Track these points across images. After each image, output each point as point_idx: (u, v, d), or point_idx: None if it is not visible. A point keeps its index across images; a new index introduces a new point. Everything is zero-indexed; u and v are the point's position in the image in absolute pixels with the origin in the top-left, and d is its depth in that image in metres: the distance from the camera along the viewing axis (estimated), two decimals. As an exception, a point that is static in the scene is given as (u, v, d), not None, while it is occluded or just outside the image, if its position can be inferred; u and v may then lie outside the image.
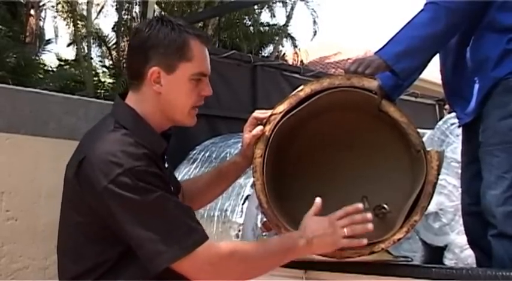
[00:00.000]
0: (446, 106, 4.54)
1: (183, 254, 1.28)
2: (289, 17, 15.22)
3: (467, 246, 2.14)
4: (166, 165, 1.57)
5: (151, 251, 1.28)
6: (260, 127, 1.65)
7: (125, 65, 13.05)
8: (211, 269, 1.31)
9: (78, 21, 13.79)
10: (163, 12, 13.03)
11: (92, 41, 13.79)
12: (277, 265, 1.44)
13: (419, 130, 1.65)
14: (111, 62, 14.79)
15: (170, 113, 1.46)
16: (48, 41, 14.66)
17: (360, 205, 1.51)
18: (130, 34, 13.65)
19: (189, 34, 1.43)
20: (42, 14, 14.95)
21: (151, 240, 1.27)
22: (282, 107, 1.65)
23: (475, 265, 2.05)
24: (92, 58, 13.97)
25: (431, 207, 1.68)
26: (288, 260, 1.44)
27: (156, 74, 1.41)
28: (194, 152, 3.23)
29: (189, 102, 1.46)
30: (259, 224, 2.66)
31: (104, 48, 14.52)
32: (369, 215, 1.51)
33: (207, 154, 3.14)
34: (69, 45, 14.77)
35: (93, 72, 13.92)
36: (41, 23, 14.93)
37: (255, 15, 15.28)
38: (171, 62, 1.41)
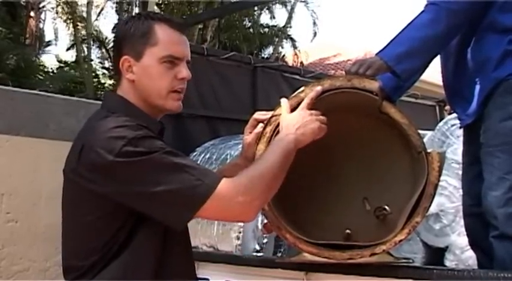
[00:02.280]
0: (447, 107, 4.53)
1: (217, 181, 1.30)
2: (289, 19, 15.24)
3: (468, 247, 2.14)
4: None
5: (186, 191, 1.28)
6: (261, 125, 1.65)
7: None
8: (242, 197, 1.31)
9: (78, 23, 13.81)
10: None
11: (91, 42, 13.81)
12: (285, 169, 1.44)
13: (419, 131, 1.65)
14: (111, 64, 14.80)
15: (150, 99, 1.47)
16: (48, 43, 14.70)
17: (319, 88, 1.60)
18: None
19: (153, 20, 1.47)
20: (42, 16, 15.00)
21: (182, 183, 1.28)
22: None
23: (476, 267, 2.04)
24: (91, 60, 14.01)
25: (432, 208, 1.67)
26: (289, 162, 1.45)
27: (127, 63, 1.45)
28: (194, 153, 3.22)
29: (163, 85, 1.46)
30: (259, 226, 2.65)
31: (103, 50, 14.53)
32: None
33: (207, 156, 3.13)
34: (69, 47, 14.79)
35: (93, 73, 13.94)
36: (41, 25, 14.97)
37: (255, 17, 15.31)
38: (138, 48, 1.45)
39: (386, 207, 1.70)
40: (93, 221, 1.36)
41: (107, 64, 14.88)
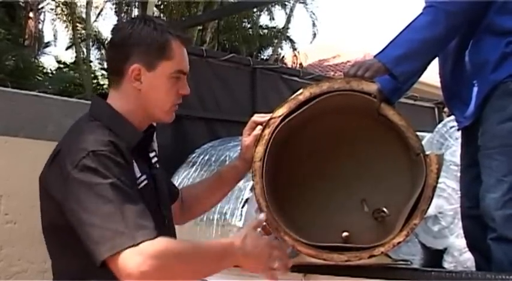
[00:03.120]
0: (446, 109, 4.53)
1: (130, 244, 1.21)
2: (288, 20, 15.24)
3: (467, 249, 2.14)
4: (157, 166, 1.57)
5: (97, 237, 1.23)
6: (260, 127, 1.66)
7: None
8: (153, 265, 1.21)
9: (77, 24, 13.80)
10: (162, 15, 13.05)
11: (91, 43, 13.80)
12: (211, 269, 1.37)
13: (418, 133, 1.65)
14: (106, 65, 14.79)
15: (150, 110, 1.48)
16: (47, 44, 14.70)
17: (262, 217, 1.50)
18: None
19: (170, 34, 1.47)
20: (41, 17, 15.00)
21: (99, 226, 1.23)
22: (281, 111, 1.65)
23: (474, 268, 2.04)
24: (91, 61, 13.99)
25: (431, 210, 1.67)
26: (220, 268, 1.38)
27: (136, 71, 1.44)
28: (193, 155, 3.22)
29: (168, 100, 1.48)
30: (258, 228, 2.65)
31: (103, 51, 14.53)
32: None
33: (206, 157, 3.13)
34: (68, 48, 14.78)
35: (92, 75, 13.93)
36: (40, 26, 14.96)
37: (254, 18, 15.31)
38: (152, 60, 1.44)
39: (384, 209, 1.70)
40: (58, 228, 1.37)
41: (106, 65, 14.88)
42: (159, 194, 1.53)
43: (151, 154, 1.57)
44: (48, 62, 15.00)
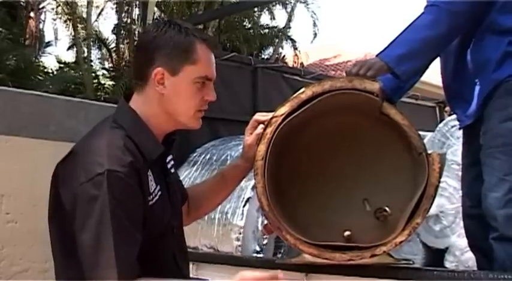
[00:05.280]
0: (447, 108, 4.53)
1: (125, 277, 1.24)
2: (289, 20, 15.24)
3: (468, 249, 2.14)
4: (172, 170, 1.56)
5: (100, 261, 1.25)
6: (262, 126, 1.65)
7: (125, 67, 13.08)
8: None
9: (78, 24, 13.82)
10: (162, 15, 13.05)
11: (91, 43, 13.81)
12: None
13: (420, 132, 1.65)
14: (111, 65, 14.81)
15: (174, 115, 1.45)
16: (48, 44, 14.70)
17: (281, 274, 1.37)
18: (130, 37, 13.72)
19: (195, 37, 1.43)
20: (42, 17, 15.00)
21: (104, 251, 1.25)
22: (283, 110, 1.65)
23: (475, 268, 2.04)
24: (92, 61, 14.00)
25: (432, 209, 1.67)
26: None
27: (160, 75, 1.41)
28: (195, 154, 3.23)
29: (192, 105, 1.45)
30: (260, 227, 2.65)
31: (104, 50, 14.54)
32: None
33: (207, 157, 3.14)
34: (69, 48, 14.79)
35: (93, 74, 13.94)
36: (41, 26, 14.96)
37: (255, 18, 15.31)
38: (176, 63, 1.41)
39: (386, 208, 1.70)
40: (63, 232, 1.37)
41: (107, 65, 14.88)
42: (172, 203, 1.52)
43: (168, 158, 1.55)
44: (49, 61, 15.01)
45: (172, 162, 1.57)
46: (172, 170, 1.57)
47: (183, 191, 1.69)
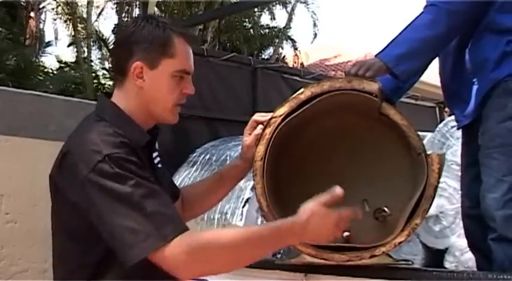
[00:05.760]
0: (447, 109, 4.52)
1: (161, 244, 1.24)
2: (289, 20, 15.24)
3: (468, 249, 2.14)
4: (159, 166, 1.57)
5: (128, 240, 1.24)
6: (261, 126, 1.65)
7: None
8: (190, 259, 1.25)
9: (78, 24, 13.81)
10: (163, 15, 13.05)
11: (92, 43, 13.81)
12: (266, 252, 1.38)
13: (419, 133, 1.65)
14: (111, 65, 14.79)
15: (152, 109, 1.47)
16: (48, 44, 14.69)
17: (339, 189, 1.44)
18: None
19: (173, 31, 1.45)
20: (42, 17, 15.00)
21: (128, 229, 1.24)
22: (282, 110, 1.65)
23: (475, 268, 2.04)
24: (92, 60, 14.00)
25: (432, 210, 1.67)
26: (275, 249, 1.40)
27: (138, 69, 1.43)
28: (194, 154, 3.22)
29: (170, 99, 1.46)
30: (259, 227, 2.65)
31: (104, 50, 14.53)
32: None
33: (207, 157, 3.13)
34: (69, 46, 14.79)
35: (93, 74, 13.94)
36: (41, 25, 14.96)
37: (255, 18, 15.31)
38: (154, 57, 1.43)
39: (385, 209, 1.70)
40: (70, 224, 1.37)
41: (107, 65, 14.88)
42: None
43: (154, 154, 1.56)
44: (49, 61, 15.02)
45: (158, 158, 1.57)
46: (160, 166, 1.57)
47: (174, 189, 1.69)
